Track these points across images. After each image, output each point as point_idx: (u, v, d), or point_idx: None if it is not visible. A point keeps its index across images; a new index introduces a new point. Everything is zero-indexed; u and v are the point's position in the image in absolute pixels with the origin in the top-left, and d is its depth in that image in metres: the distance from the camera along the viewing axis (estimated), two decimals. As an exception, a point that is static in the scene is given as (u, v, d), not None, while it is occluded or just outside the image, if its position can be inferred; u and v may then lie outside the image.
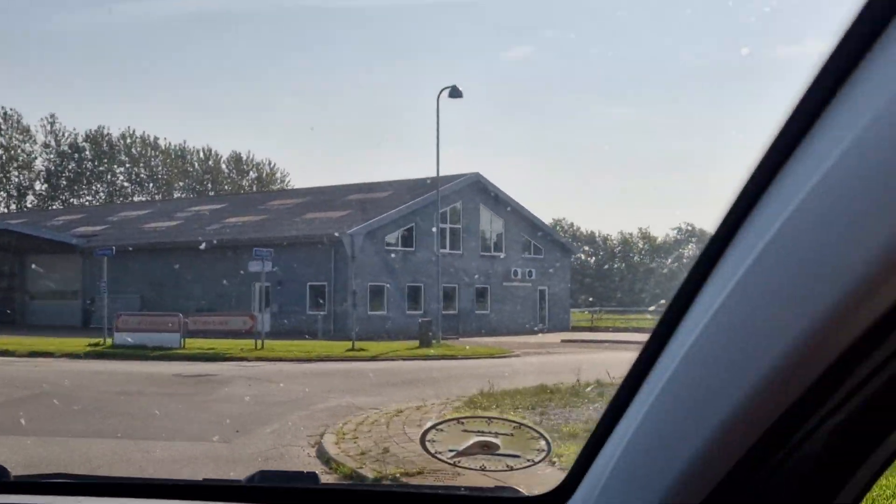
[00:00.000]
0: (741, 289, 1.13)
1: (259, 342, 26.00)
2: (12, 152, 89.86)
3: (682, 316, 1.30)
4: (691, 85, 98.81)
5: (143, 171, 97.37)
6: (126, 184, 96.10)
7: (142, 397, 14.67)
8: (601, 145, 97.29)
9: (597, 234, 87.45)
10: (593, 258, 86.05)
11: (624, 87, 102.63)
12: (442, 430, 2.16)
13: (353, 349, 25.55)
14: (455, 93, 29.34)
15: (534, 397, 14.10)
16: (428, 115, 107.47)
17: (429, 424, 2.17)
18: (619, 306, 61.11)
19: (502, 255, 47.42)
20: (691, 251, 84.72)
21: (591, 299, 58.43)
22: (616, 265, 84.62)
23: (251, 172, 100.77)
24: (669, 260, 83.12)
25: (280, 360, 23.40)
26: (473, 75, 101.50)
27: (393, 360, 24.28)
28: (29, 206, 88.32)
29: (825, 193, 1.00)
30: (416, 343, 28.45)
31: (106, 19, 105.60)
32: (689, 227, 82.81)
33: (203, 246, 42.57)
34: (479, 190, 46.87)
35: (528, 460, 2.13)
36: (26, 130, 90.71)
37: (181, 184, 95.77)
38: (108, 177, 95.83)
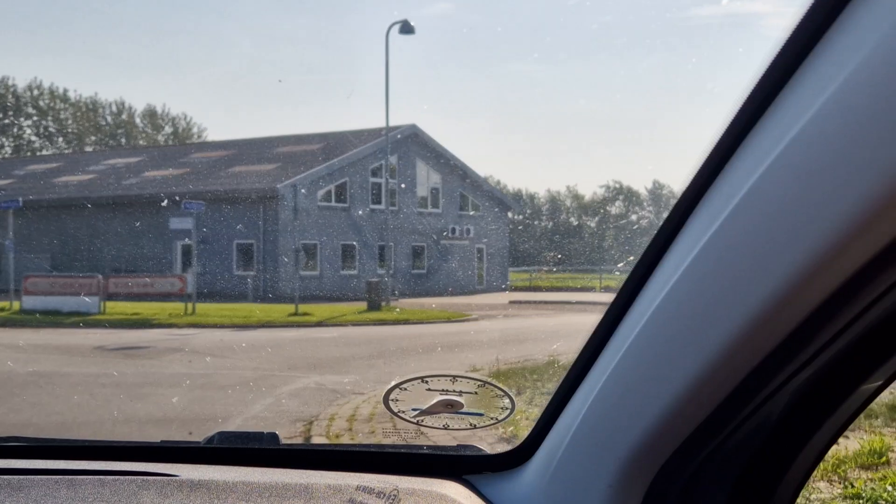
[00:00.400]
0: (706, 253, 1.14)
1: (190, 306, 22.86)
2: None
3: (646, 280, 1.31)
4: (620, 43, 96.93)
5: (51, 124, 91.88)
6: (34, 138, 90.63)
7: (58, 381, 11.62)
8: (525, 102, 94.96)
9: (523, 192, 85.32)
10: (520, 216, 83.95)
11: (552, 43, 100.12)
12: (405, 388, 2.07)
13: (296, 314, 22.58)
14: (406, 28, 26.17)
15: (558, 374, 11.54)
16: (343, 65, 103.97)
17: (392, 383, 2.06)
18: (554, 265, 59.04)
19: (439, 212, 44.72)
20: (618, 209, 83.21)
21: (533, 257, 56.14)
22: (542, 223, 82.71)
23: (167, 127, 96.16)
24: (597, 218, 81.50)
25: (216, 326, 20.38)
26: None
27: (343, 325, 21.45)
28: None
29: (799, 150, 0.99)
30: (363, 306, 25.63)
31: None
32: (617, 185, 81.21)
33: (129, 199, 39.00)
34: (416, 143, 43.99)
35: (492, 419, 2.09)
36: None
37: (93, 138, 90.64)
38: (15, 130, 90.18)
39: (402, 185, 43.19)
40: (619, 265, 45.32)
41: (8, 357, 14.27)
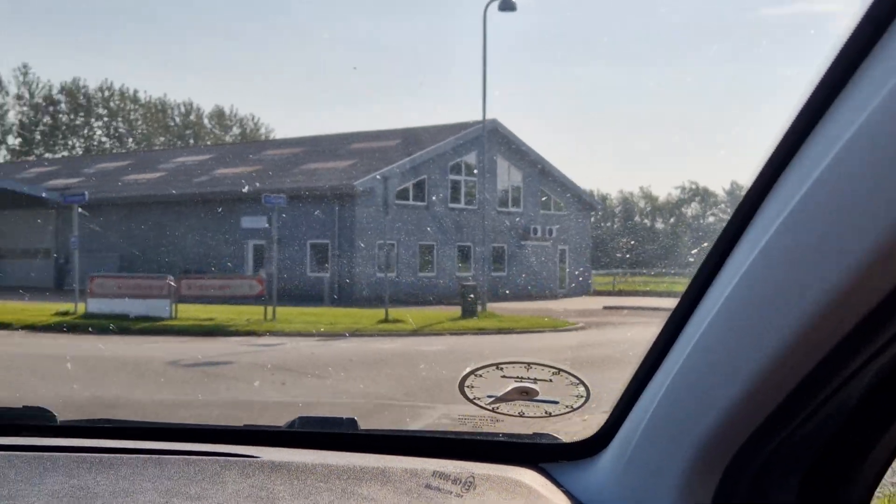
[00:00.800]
0: (776, 241, 1.15)
1: (270, 310, 20.29)
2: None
3: (717, 271, 1.33)
4: (689, 44, 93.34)
5: (121, 125, 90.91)
6: (104, 138, 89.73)
7: (127, 410, 9.04)
8: (599, 102, 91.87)
9: (595, 193, 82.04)
10: (592, 218, 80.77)
11: (623, 46, 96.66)
12: (480, 375, 2.07)
13: (386, 320, 19.92)
14: (507, 5, 23.18)
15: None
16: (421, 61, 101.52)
17: (468, 370, 2.04)
18: (632, 268, 55.89)
19: (520, 211, 41.92)
20: (694, 210, 79.62)
21: (614, 260, 53.03)
22: (615, 225, 79.38)
23: (234, 127, 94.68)
24: (672, 220, 77.99)
25: (300, 334, 17.86)
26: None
27: (440, 334, 18.79)
28: (1, 160, 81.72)
29: (860, 148, 1.00)
30: (454, 311, 22.93)
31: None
32: (693, 186, 77.57)
33: (200, 197, 36.96)
34: (496, 138, 41.26)
35: (567, 407, 2.06)
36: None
37: (162, 139, 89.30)
38: (86, 131, 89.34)
39: (481, 185, 40.53)
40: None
41: (66, 374, 11.80)
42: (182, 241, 38.98)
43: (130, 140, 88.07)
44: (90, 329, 18.92)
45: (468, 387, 2.06)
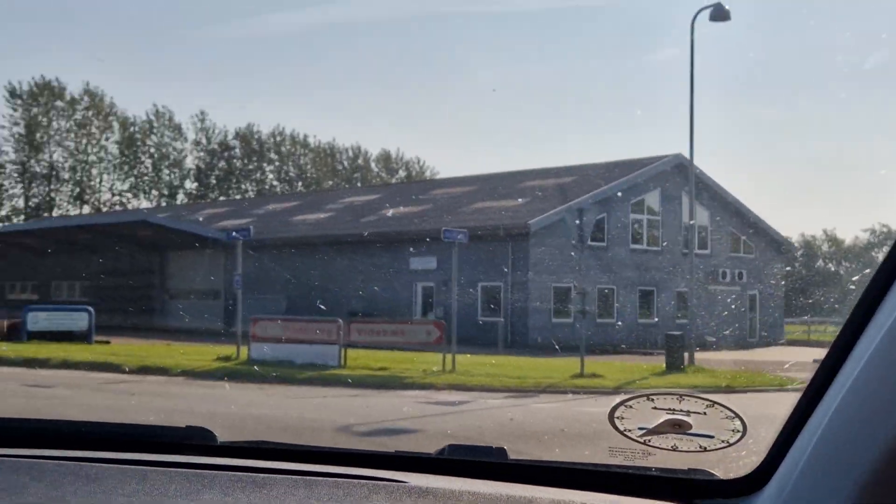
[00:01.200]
0: None
1: (448, 359, 17.55)
2: (164, 150, 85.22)
3: (877, 305, 1.32)
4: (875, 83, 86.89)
5: (292, 169, 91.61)
6: (276, 182, 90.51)
7: (285, 434, 6.40)
8: (781, 142, 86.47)
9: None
10: (786, 262, 75.27)
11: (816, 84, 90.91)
12: (631, 406, 2.01)
13: (581, 374, 16.86)
14: (720, 13, 19.79)
15: None
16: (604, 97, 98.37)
17: (618, 400, 2.00)
18: (824, 315, 50.77)
19: (707, 253, 38.16)
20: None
21: (805, 307, 48.18)
22: (801, 270, 73.59)
23: (401, 171, 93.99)
24: (860, 264, 71.65)
25: (484, 389, 15.07)
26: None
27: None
28: (179, 204, 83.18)
29: None
30: (655, 364, 19.69)
31: (261, 26, 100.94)
32: (885, 229, 71.15)
33: (367, 236, 35.15)
34: (681, 175, 37.81)
35: (723, 441, 1.97)
36: (177, 128, 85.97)
37: (330, 183, 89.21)
38: (258, 175, 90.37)
39: (664, 224, 37.09)
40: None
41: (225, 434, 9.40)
42: (349, 282, 37.20)
43: (300, 184, 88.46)
44: (251, 375, 16.76)
45: (618, 418, 1.99)
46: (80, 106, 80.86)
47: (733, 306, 38.23)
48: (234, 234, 20.38)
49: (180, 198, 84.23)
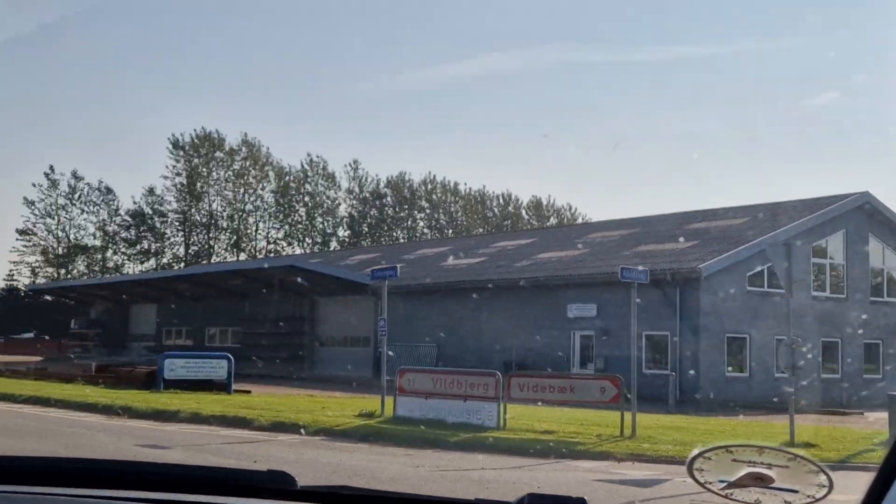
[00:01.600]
0: None
1: (627, 422, 14.55)
2: (317, 198, 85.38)
3: None
4: None
5: (442, 216, 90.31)
6: (426, 230, 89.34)
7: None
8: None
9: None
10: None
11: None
12: (709, 458, 1.97)
13: (792, 443, 13.64)
14: None
15: None
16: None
17: (695, 452, 1.97)
18: None
19: (899, 301, 33.79)
20: None
21: None
22: None
23: (552, 218, 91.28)
24: None
25: (675, 462, 12.13)
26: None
27: (871, 467, 12.38)
28: (330, 251, 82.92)
29: None
30: (875, 430, 16.19)
31: (412, 78, 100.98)
32: None
33: (522, 283, 32.61)
34: (867, 215, 33.77)
35: (809, 497, 1.89)
36: (331, 177, 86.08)
37: (480, 230, 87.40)
38: (409, 223, 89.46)
39: (850, 269, 33.06)
40: None
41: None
42: (501, 330, 34.69)
43: (450, 231, 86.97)
44: (396, 437, 14.34)
45: (697, 469, 1.95)
46: (239, 156, 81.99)
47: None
48: (379, 272, 18.12)
49: (333, 245, 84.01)
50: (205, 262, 77.71)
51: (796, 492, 1.87)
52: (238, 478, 2.19)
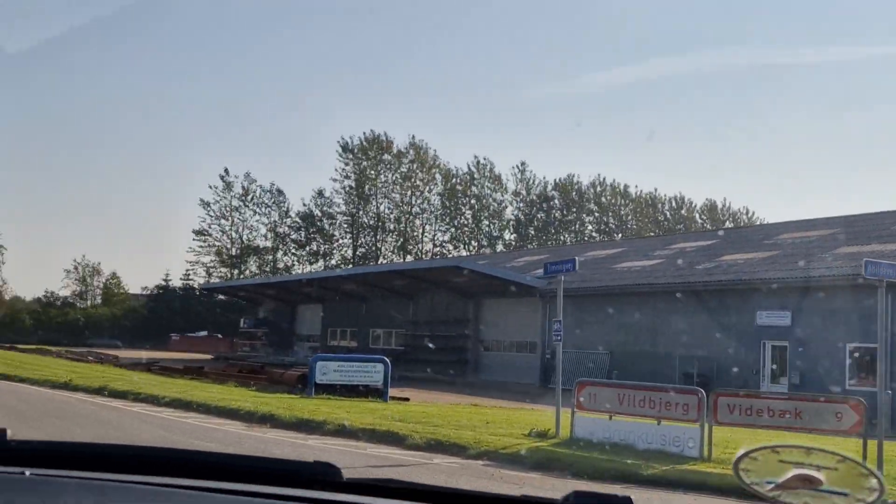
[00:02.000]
0: None
1: (871, 450, 11.21)
2: (484, 201, 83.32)
3: None
4: None
5: (611, 220, 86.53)
6: (594, 234, 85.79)
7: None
8: None
9: None
10: None
11: None
12: (756, 458, 1.93)
13: None
14: None
15: None
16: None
17: (742, 451, 1.94)
18: None
19: None
20: None
21: None
22: None
23: (727, 222, 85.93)
24: None
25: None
26: None
27: None
28: (496, 252, 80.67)
29: None
30: None
31: (578, 83, 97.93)
32: None
33: (703, 286, 29.13)
34: None
35: (859, 501, 1.82)
36: (497, 179, 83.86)
37: (651, 234, 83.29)
38: (576, 226, 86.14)
39: None
40: None
41: None
42: (681, 338, 31.27)
43: (619, 235, 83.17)
44: (574, 466, 11.54)
45: (743, 469, 1.94)
46: (406, 158, 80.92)
47: None
48: (553, 267, 15.40)
49: (499, 248, 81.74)
50: (371, 263, 76.99)
51: (846, 494, 1.78)
52: (284, 468, 2.12)
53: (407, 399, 21.44)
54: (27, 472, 1.99)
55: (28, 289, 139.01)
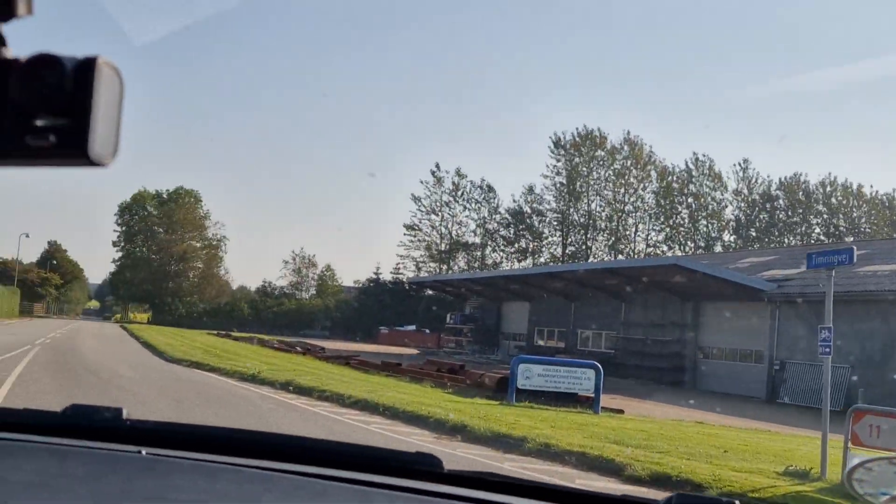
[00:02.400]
0: None
1: None
2: (702, 200, 78.37)
3: None
4: None
5: (842, 222, 79.24)
6: (822, 237, 78.83)
7: None
8: None
9: None
10: None
11: None
12: (871, 469, 1.87)
13: None
14: None
15: None
16: None
17: (856, 461, 1.84)
18: None
19: None
20: None
21: None
22: None
23: (981, 226, 76.70)
24: None
25: None
26: None
27: None
28: (715, 252, 75.65)
29: None
30: None
31: (803, 82, 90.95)
32: None
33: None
34: None
35: None
36: (717, 177, 78.64)
37: (885, 238, 75.48)
38: (803, 228, 79.49)
39: None
40: None
41: None
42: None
43: (850, 238, 75.89)
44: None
45: (857, 480, 1.86)
46: (620, 155, 77.37)
47: None
48: (818, 258, 12.24)
49: (717, 250, 76.59)
50: (581, 262, 73.99)
51: None
52: (386, 456, 2.05)
53: (621, 411, 18.57)
54: (143, 451, 1.98)
55: (249, 279, 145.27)
